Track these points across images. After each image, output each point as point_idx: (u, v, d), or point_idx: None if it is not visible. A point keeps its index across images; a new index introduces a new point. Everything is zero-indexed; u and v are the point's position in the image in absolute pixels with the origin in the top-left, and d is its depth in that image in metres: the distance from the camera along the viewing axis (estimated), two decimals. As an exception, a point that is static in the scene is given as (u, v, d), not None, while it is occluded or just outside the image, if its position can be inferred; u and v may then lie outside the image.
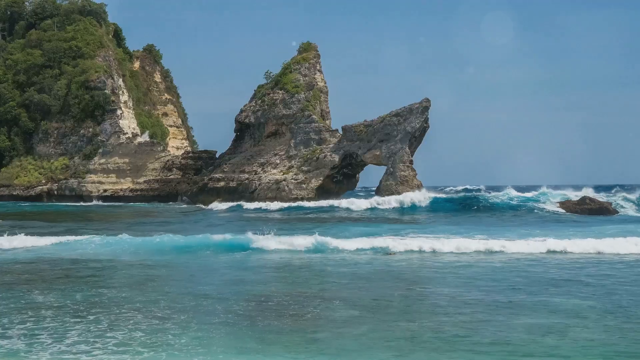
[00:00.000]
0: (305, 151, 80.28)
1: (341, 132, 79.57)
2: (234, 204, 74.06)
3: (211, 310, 16.26)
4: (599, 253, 26.42)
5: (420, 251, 27.38)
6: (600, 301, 16.97)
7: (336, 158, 77.66)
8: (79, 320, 15.09)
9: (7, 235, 31.64)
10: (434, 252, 27.10)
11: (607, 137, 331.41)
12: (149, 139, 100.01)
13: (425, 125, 76.04)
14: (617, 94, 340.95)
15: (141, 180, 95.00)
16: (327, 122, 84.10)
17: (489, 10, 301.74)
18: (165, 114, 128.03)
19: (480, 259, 25.29)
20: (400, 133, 74.81)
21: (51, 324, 14.68)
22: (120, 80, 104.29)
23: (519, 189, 68.92)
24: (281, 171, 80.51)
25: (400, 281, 20.79)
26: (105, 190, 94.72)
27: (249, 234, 29.57)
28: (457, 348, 12.85)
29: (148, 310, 16.04)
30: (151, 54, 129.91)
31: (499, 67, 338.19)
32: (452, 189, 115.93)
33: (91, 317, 15.38)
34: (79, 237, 31.60)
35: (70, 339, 13.40)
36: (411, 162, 74.97)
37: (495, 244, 27.28)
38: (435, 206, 62.96)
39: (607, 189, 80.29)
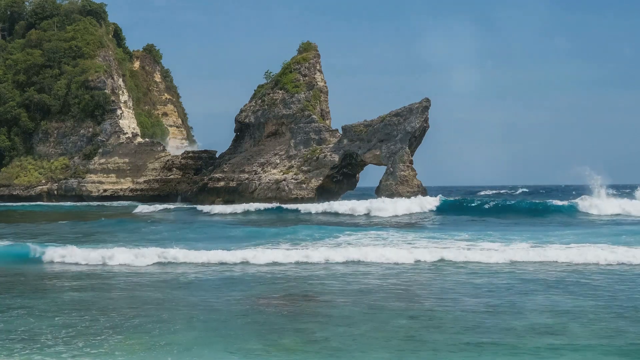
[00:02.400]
0: (305, 151, 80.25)
1: (341, 132, 79.53)
2: (191, 206, 72.49)
3: (211, 311, 16.30)
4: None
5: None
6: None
7: (336, 158, 77.63)
8: None
9: None
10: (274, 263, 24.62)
11: (608, 137, 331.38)
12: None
13: (425, 125, 76.00)
14: (619, 95, 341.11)
15: (141, 180, 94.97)
16: (327, 122, 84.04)
17: (490, 9, 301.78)
18: (165, 114, 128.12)
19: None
20: (400, 133, 74.78)
21: None
22: (120, 80, 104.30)
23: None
24: (281, 171, 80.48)
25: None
26: (105, 190, 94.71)
27: (30, 244, 27.48)
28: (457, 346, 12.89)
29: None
30: (151, 54, 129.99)
31: (500, 67, 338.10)
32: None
33: None
34: None
35: None
36: (411, 162, 74.95)
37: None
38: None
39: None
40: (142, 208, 70.22)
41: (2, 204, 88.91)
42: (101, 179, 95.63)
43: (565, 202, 56.80)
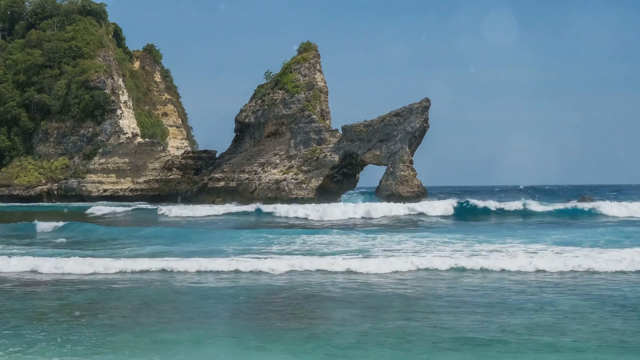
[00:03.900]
0: (305, 151, 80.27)
1: (341, 132, 79.56)
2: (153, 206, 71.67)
3: (212, 308, 16.28)
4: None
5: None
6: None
7: (336, 158, 77.65)
8: None
9: None
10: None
11: (604, 137, 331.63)
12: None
13: (425, 125, 76.02)
14: (617, 95, 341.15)
15: (141, 180, 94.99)
16: (327, 122, 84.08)
17: (490, 10, 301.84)
18: (165, 114, 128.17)
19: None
20: (400, 133, 74.80)
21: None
22: (120, 80, 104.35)
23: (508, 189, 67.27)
24: (281, 171, 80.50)
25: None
26: (105, 190, 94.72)
27: None
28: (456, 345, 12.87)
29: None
30: (151, 54, 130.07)
31: (500, 67, 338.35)
32: None
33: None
34: None
35: None
36: (411, 162, 74.96)
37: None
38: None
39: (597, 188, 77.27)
40: (96, 209, 66.63)
41: (1, 204, 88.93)
42: (101, 179, 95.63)
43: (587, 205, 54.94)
